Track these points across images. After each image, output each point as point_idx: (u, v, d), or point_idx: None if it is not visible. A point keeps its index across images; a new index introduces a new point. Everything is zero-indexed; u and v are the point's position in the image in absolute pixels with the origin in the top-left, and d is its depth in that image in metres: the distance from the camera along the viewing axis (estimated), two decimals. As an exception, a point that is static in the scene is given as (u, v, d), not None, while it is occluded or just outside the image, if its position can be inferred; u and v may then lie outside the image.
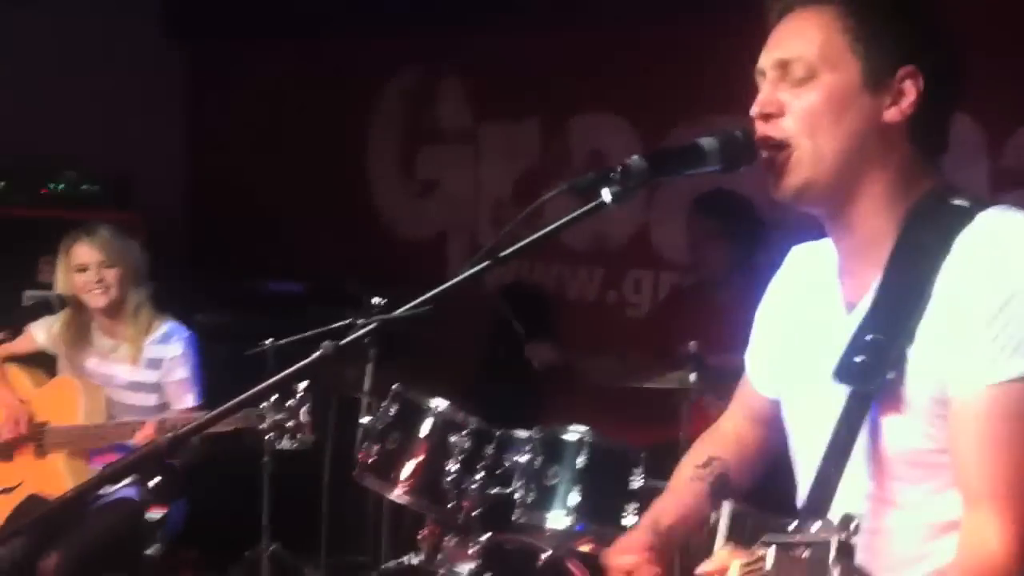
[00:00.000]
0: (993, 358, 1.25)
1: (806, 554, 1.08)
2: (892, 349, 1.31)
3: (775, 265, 1.72)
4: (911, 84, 1.38)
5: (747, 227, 3.77)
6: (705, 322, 3.52)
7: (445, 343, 4.67)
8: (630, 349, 4.21)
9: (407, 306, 1.47)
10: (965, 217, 1.33)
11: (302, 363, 1.48)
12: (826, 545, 1.06)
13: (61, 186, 4.75)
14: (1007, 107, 3.74)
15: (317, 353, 1.47)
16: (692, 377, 3.10)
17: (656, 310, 4.54)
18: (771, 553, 1.10)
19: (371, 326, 1.47)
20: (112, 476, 1.53)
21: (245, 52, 5.75)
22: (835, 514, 1.36)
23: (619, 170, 1.39)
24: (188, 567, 4.59)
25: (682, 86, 4.25)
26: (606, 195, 1.41)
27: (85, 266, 3.56)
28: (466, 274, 1.46)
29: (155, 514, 1.58)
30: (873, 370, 1.32)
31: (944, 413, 1.30)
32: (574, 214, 1.44)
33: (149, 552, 1.61)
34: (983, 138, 3.87)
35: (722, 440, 1.77)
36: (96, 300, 3.56)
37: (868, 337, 1.35)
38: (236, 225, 5.54)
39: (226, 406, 1.51)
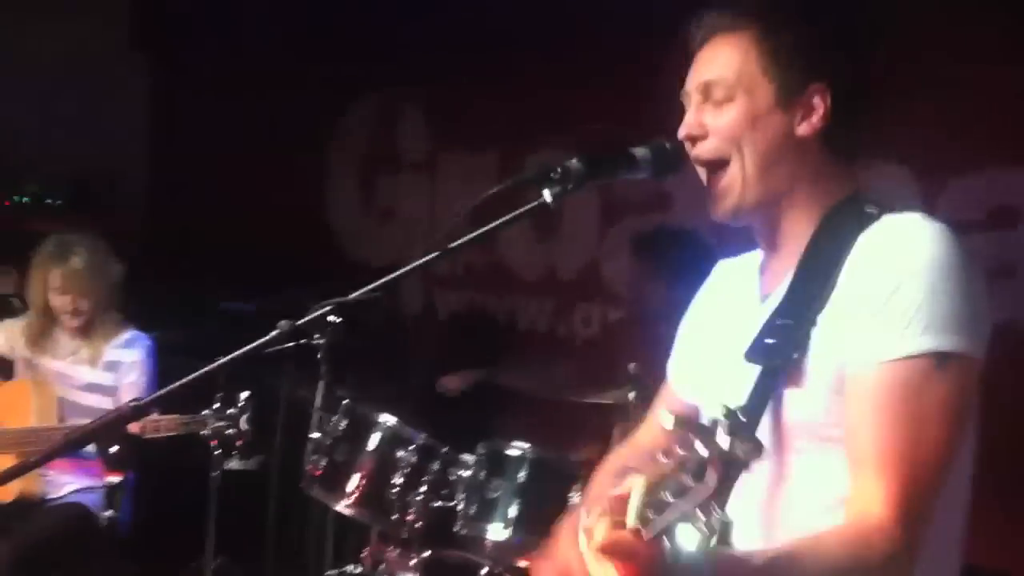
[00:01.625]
0: (884, 339, 1.38)
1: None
2: (798, 332, 1.44)
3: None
4: (819, 100, 1.52)
5: (688, 263, 3.88)
6: (648, 354, 3.64)
7: (396, 366, 4.76)
8: (575, 371, 4.33)
9: (361, 291, 1.57)
10: (872, 219, 1.47)
11: (261, 340, 1.57)
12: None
13: (24, 199, 4.81)
14: (941, 158, 3.94)
15: (274, 331, 1.57)
16: (631, 395, 3.21)
17: (601, 342, 4.67)
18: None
19: (327, 308, 1.57)
20: (76, 441, 1.61)
21: (209, 69, 5.85)
22: (737, 485, 1.48)
23: (558, 170, 1.51)
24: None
25: (643, 124, 4.39)
26: (547, 195, 1.53)
27: (60, 291, 3.64)
28: (416, 263, 1.58)
29: (114, 479, 1.65)
30: (780, 350, 1.46)
31: (841, 390, 1.41)
32: (517, 212, 1.56)
33: (106, 516, 1.67)
34: (918, 189, 4.06)
35: (638, 451, 1.87)
36: (68, 322, 3.66)
37: (778, 322, 1.49)
38: (193, 242, 5.60)
39: (183, 381, 1.59)
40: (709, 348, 1.68)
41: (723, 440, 1.11)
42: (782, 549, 1.35)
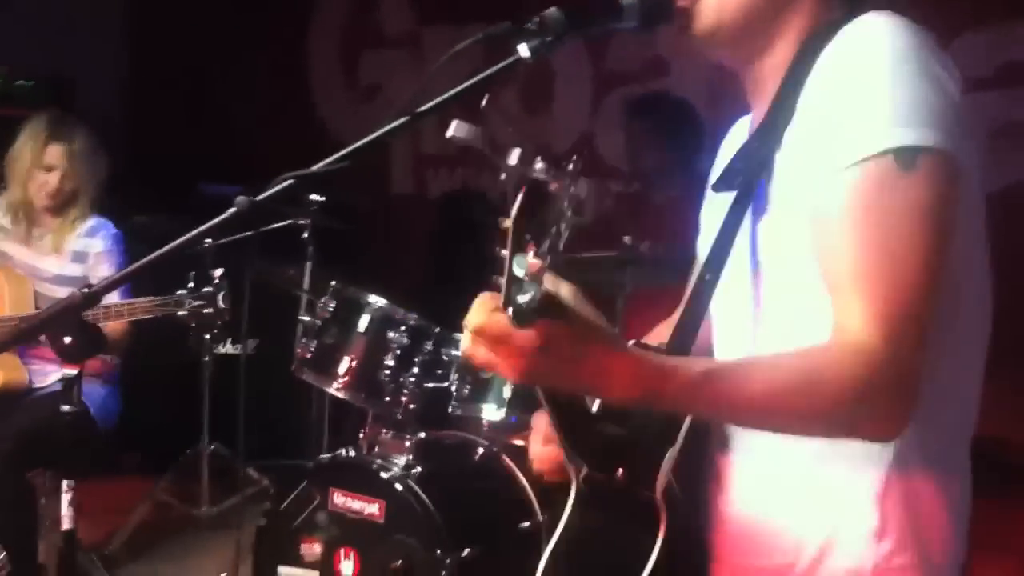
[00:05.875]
0: (841, 145, 1.22)
1: None
2: (763, 157, 1.32)
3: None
4: None
5: (683, 129, 3.76)
6: (646, 226, 3.54)
7: (386, 245, 4.67)
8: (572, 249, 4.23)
9: (324, 162, 1.44)
10: (838, 32, 1.30)
11: (217, 219, 1.46)
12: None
13: (-4, 83, 4.65)
14: (943, 14, 3.75)
15: (231, 209, 1.46)
16: (627, 274, 3.12)
17: (598, 216, 4.56)
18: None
19: (286, 183, 1.44)
20: (27, 332, 1.51)
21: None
22: (714, 323, 1.42)
23: (536, 22, 1.36)
24: (129, 468, 4.61)
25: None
26: (523, 50, 1.38)
27: (52, 167, 3.51)
28: (384, 129, 1.44)
29: (70, 372, 1.56)
30: (745, 175, 1.35)
31: (811, 215, 1.26)
32: (492, 69, 1.40)
33: (65, 410, 1.59)
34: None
35: (668, 326, 1.78)
36: (41, 200, 3.52)
37: (746, 149, 1.38)
38: (174, 127, 5.45)
39: (141, 263, 1.49)
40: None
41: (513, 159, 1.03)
42: (730, 360, 1.26)
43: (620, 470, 1.34)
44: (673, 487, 1.33)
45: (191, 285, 3.01)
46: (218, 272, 3.05)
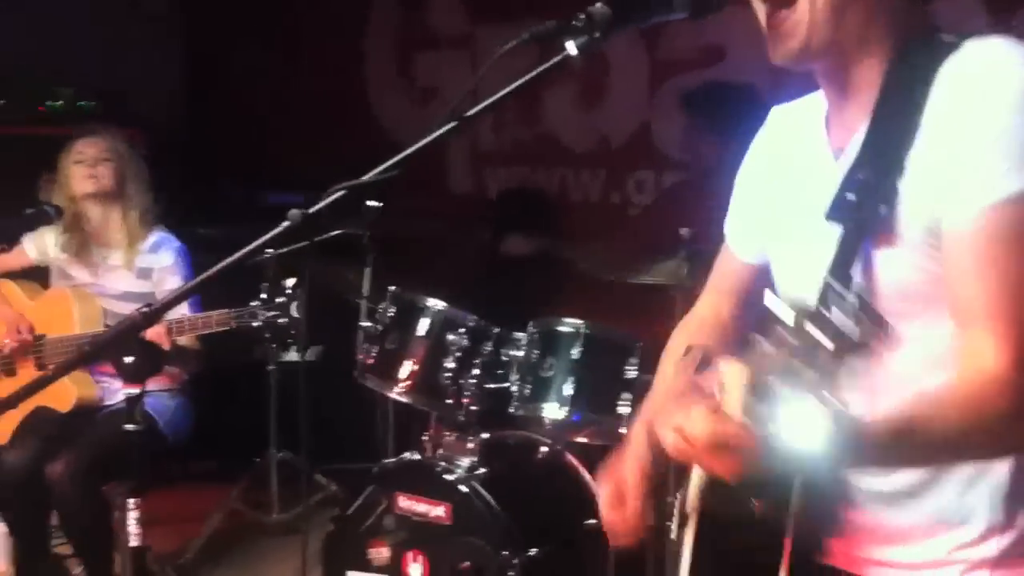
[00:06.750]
0: (983, 182, 1.24)
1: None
2: (884, 184, 1.30)
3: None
4: None
5: (741, 118, 3.67)
6: (703, 216, 3.47)
7: (442, 247, 4.67)
8: (629, 245, 4.19)
9: (375, 170, 1.44)
10: (952, 48, 1.30)
11: (270, 233, 1.46)
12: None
13: (58, 103, 4.74)
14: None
15: (284, 223, 1.46)
16: (684, 269, 3.06)
17: (654, 207, 4.51)
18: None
19: (338, 194, 1.44)
20: (89, 355, 1.52)
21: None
22: None
23: (582, 18, 1.34)
24: (201, 477, 4.67)
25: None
26: (571, 48, 1.36)
27: (82, 158, 3.54)
28: (433, 135, 1.44)
29: (132, 391, 1.57)
30: (865, 206, 1.31)
31: (937, 244, 1.29)
32: (538, 69, 1.39)
33: (128, 429, 1.60)
34: (986, 20, 3.79)
35: (698, 325, 1.75)
36: (86, 186, 3.53)
37: (859, 175, 1.34)
38: (234, 137, 5.50)
39: (199, 279, 1.50)
40: (777, 207, 1.53)
41: (843, 323, 0.99)
42: (898, 418, 1.24)
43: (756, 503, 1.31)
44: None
45: (264, 296, 3.01)
46: (290, 282, 3.05)
